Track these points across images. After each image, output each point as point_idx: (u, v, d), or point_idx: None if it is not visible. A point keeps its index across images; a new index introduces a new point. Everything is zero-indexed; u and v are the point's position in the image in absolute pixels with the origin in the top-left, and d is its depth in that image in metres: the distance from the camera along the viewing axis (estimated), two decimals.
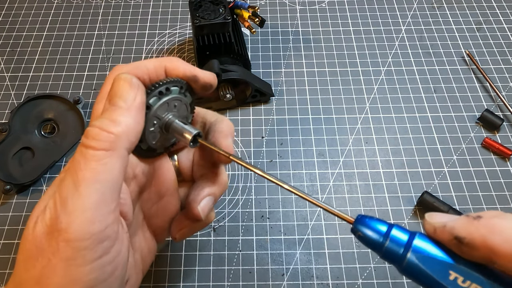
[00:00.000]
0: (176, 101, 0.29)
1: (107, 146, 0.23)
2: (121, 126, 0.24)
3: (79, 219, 0.22)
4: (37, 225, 0.23)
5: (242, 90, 0.49)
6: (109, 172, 0.23)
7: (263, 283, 0.39)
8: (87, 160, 0.23)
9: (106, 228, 0.23)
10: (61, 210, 0.22)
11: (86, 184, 0.23)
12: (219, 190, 0.32)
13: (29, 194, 0.44)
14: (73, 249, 0.22)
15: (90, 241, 0.22)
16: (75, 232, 0.22)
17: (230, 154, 0.28)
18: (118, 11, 0.60)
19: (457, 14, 0.59)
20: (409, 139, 0.47)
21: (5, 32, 0.58)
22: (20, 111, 0.47)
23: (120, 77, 0.26)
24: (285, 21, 0.59)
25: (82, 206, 0.22)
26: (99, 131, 0.24)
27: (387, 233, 0.21)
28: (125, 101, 0.25)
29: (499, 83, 0.52)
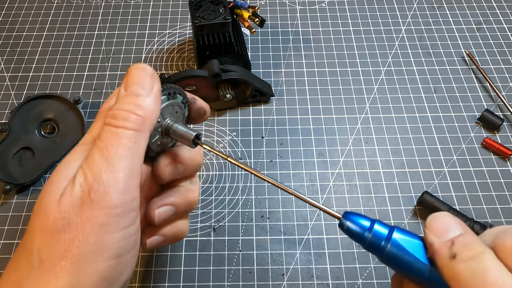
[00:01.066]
0: (178, 108, 0.31)
1: (136, 127, 0.26)
2: (145, 110, 0.26)
3: (113, 189, 0.24)
4: (64, 198, 0.24)
5: (242, 90, 0.49)
6: (137, 150, 0.26)
7: (263, 283, 0.39)
8: (119, 138, 0.25)
9: (133, 199, 0.26)
10: (95, 182, 0.24)
11: (119, 159, 0.25)
12: (183, 204, 0.32)
13: (29, 194, 0.44)
14: (107, 216, 0.24)
15: (122, 209, 0.25)
16: (110, 200, 0.24)
17: (227, 156, 0.30)
18: (118, 11, 0.60)
19: (457, 14, 0.59)
20: (409, 139, 0.47)
21: (5, 32, 0.58)
22: (20, 111, 0.47)
23: (137, 66, 0.28)
24: (285, 21, 0.59)
25: (116, 178, 0.24)
26: (128, 114, 0.26)
27: (370, 227, 0.24)
28: (145, 88, 0.27)
29: (499, 83, 0.52)
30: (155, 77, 0.28)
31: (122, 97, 0.27)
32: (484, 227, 0.39)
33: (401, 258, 0.23)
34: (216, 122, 0.49)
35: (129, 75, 0.28)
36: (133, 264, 0.28)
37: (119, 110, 0.26)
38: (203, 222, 0.42)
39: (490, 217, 0.42)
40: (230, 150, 0.47)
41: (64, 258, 0.23)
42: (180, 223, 0.33)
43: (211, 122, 0.49)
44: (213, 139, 0.48)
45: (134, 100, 0.26)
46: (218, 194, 0.44)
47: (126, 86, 0.27)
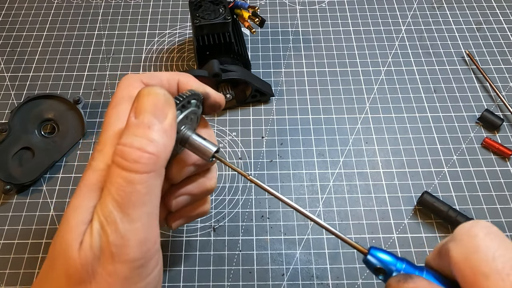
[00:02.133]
0: (193, 114, 0.29)
1: (150, 168, 0.23)
2: (159, 146, 0.24)
3: (132, 241, 0.23)
4: (83, 249, 0.23)
5: (242, 90, 0.49)
6: (153, 192, 0.24)
7: (263, 283, 0.39)
8: (131, 184, 0.23)
9: (155, 244, 0.24)
10: (113, 234, 0.23)
11: (134, 207, 0.23)
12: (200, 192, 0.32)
13: (29, 194, 0.44)
14: (130, 269, 0.23)
15: (144, 260, 0.23)
16: (131, 253, 0.23)
17: (248, 174, 0.28)
18: (118, 11, 0.60)
19: (457, 14, 0.59)
20: (409, 139, 0.47)
21: (5, 32, 0.58)
22: (20, 111, 0.47)
23: (150, 90, 0.25)
24: (285, 21, 0.59)
25: (134, 229, 0.23)
26: (140, 153, 0.23)
27: (398, 268, 0.23)
28: (158, 117, 0.24)
29: (499, 83, 0.52)
30: (170, 102, 0.25)
31: (133, 127, 0.24)
32: None
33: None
34: (216, 122, 0.49)
35: (140, 99, 0.25)
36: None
37: (129, 147, 0.23)
38: (203, 222, 0.42)
39: (490, 217, 0.42)
40: (230, 150, 0.47)
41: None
42: (201, 205, 0.33)
43: (211, 122, 0.49)
44: None
45: (146, 134, 0.24)
46: (218, 194, 0.44)
47: (137, 112, 0.24)
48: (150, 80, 0.29)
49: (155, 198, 0.24)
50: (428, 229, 0.41)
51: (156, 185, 0.24)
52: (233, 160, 0.46)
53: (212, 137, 0.32)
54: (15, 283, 0.39)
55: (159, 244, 0.25)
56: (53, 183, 0.45)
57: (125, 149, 0.23)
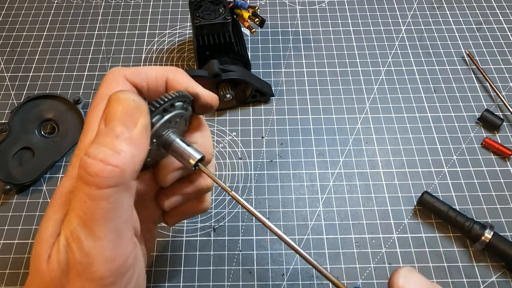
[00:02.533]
0: (178, 117, 0.27)
1: (113, 182, 0.21)
2: (125, 157, 0.22)
3: (99, 259, 0.22)
4: (51, 263, 0.22)
5: (242, 90, 0.49)
6: (120, 207, 0.22)
7: (263, 283, 0.39)
8: (94, 200, 0.21)
9: (127, 259, 0.23)
10: (78, 252, 0.22)
11: (98, 224, 0.21)
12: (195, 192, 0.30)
13: (29, 194, 0.44)
14: (99, 286, 0.22)
15: (114, 277, 0.22)
16: (97, 271, 0.22)
17: (230, 190, 0.27)
18: (118, 11, 0.60)
19: (457, 14, 0.59)
20: (409, 139, 0.47)
21: (5, 32, 0.58)
22: (20, 111, 0.47)
23: (119, 97, 0.23)
24: (285, 21, 0.59)
25: (99, 247, 0.22)
26: (103, 166, 0.21)
27: None
28: (127, 126, 0.22)
29: (499, 83, 0.52)
30: (141, 109, 0.23)
31: (101, 135, 0.22)
32: (484, 227, 0.39)
33: None
34: (216, 122, 0.49)
35: (110, 105, 0.23)
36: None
37: (92, 158, 0.21)
38: (203, 222, 0.42)
39: (490, 217, 0.42)
40: (230, 150, 0.47)
41: None
42: (199, 203, 0.32)
43: (211, 122, 0.49)
44: (213, 139, 0.48)
45: (113, 144, 0.22)
46: (218, 194, 0.44)
47: (107, 120, 0.23)
48: (135, 77, 0.27)
49: (123, 213, 0.22)
50: (428, 229, 0.41)
51: (123, 199, 0.22)
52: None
53: (206, 137, 0.30)
54: (15, 283, 0.39)
55: (134, 259, 0.24)
56: (53, 183, 0.45)
57: (88, 161, 0.21)
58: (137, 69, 0.28)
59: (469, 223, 0.40)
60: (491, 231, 0.39)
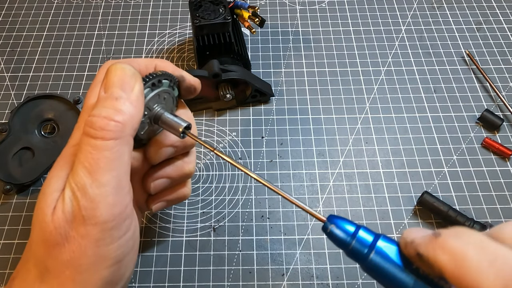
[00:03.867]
0: (166, 93, 0.30)
1: (116, 135, 0.24)
2: (125, 115, 0.25)
3: (102, 204, 0.24)
4: (56, 213, 0.24)
5: (242, 90, 0.49)
6: (121, 158, 0.25)
7: (263, 283, 0.39)
8: (99, 150, 0.24)
9: (126, 208, 0.26)
10: (83, 199, 0.24)
11: (103, 172, 0.24)
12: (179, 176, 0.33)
13: (29, 194, 0.44)
14: (101, 231, 0.24)
15: (115, 222, 0.25)
16: (101, 216, 0.24)
17: (214, 148, 0.29)
18: (118, 11, 0.60)
19: (457, 14, 0.59)
20: (409, 139, 0.47)
21: (5, 32, 0.58)
22: (20, 111, 0.47)
23: (116, 66, 0.26)
24: (285, 21, 0.59)
25: (103, 193, 0.24)
26: (107, 121, 0.24)
27: (354, 233, 0.23)
28: (125, 90, 0.26)
29: (499, 83, 0.52)
30: (136, 76, 0.27)
31: (101, 100, 0.26)
32: (484, 227, 0.39)
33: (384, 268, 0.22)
34: (216, 122, 0.49)
35: (108, 75, 0.26)
36: (134, 262, 0.28)
37: (97, 117, 0.25)
38: (203, 222, 0.42)
39: (490, 217, 0.42)
40: (230, 150, 0.47)
41: (68, 268, 0.24)
42: (180, 188, 0.35)
43: (211, 122, 0.49)
44: (213, 139, 0.48)
45: (113, 104, 0.25)
46: (218, 194, 0.44)
47: (106, 87, 0.26)
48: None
49: (123, 164, 0.25)
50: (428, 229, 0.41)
51: (123, 151, 0.25)
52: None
53: (190, 118, 0.33)
54: None
55: (132, 209, 0.26)
56: None
57: (94, 119, 0.25)
58: (128, 60, 0.31)
59: (469, 223, 0.40)
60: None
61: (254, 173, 0.28)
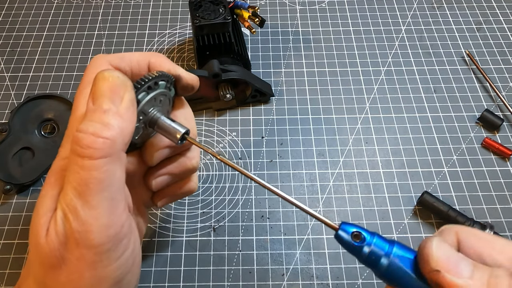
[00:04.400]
0: (162, 95, 0.28)
1: (104, 153, 0.23)
2: (114, 130, 0.23)
3: (95, 227, 0.23)
4: (49, 235, 0.23)
5: (242, 90, 0.49)
6: (112, 176, 0.23)
7: (263, 283, 0.39)
8: (87, 170, 0.22)
9: (122, 227, 0.24)
10: (75, 221, 0.23)
11: (93, 194, 0.23)
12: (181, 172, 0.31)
13: (29, 194, 0.44)
14: (97, 254, 0.23)
15: (111, 244, 0.23)
16: (95, 239, 0.23)
17: (218, 155, 0.28)
18: (118, 11, 0.60)
19: (457, 14, 0.59)
20: (409, 139, 0.47)
21: (5, 32, 0.58)
22: (20, 111, 0.47)
23: (104, 75, 0.24)
24: (285, 21, 0.59)
25: (95, 215, 0.23)
26: (94, 139, 0.22)
27: (369, 241, 0.23)
28: (113, 102, 0.24)
29: (499, 83, 0.52)
30: (126, 85, 0.24)
31: (89, 113, 0.24)
32: (484, 227, 0.39)
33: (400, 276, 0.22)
34: (216, 122, 0.49)
35: (96, 83, 0.24)
36: (136, 277, 0.28)
37: (83, 133, 0.23)
38: (203, 222, 0.42)
39: (490, 217, 0.42)
40: (230, 150, 0.47)
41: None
42: (185, 184, 0.33)
43: (211, 122, 0.49)
44: (213, 139, 0.48)
45: (101, 118, 0.23)
46: (218, 194, 0.44)
47: (94, 98, 0.24)
48: (119, 62, 0.28)
49: (116, 183, 0.24)
50: (428, 229, 0.41)
51: (114, 169, 0.23)
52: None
53: (189, 118, 0.32)
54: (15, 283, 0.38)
55: (129, 228, 0.25)
56: None
57: (80, 135, 0.23)
58: (120, 54, 0.29)
59: (469, 223, 0.40)
60: (491, 231, 0.39)
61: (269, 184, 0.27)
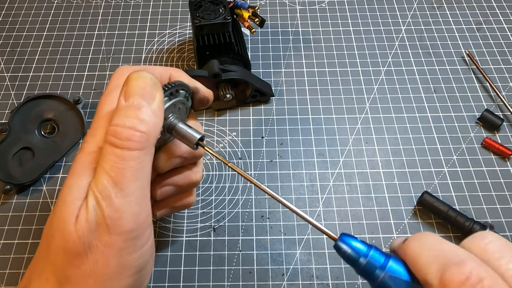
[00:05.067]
0: (181, 104, 0.30)
1: (141, 146, 0.25)
2: (149, 125, 0.25)
3: (127, 214, 0.24)
4: (79, 222, 0.24)
5: (242, 90, 0.49)
6: (145, 168, 0.25)
7: (263, 283, 0.39)
8: (125, 160, 0.24)
9: (148, 217, 0.26)
10: (108, 208, 0.24)
11: (128, 182, 0.24)
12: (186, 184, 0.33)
13: (29, 194, 0.44)
14: (125, 240, 0.24)
15: (138, 231, 0.25)
16: (126, 225, 0.24)
17: (228, 161, 0.29)
18: (118, 11, 0.60)
19: (457, 14, 0.59)
20: (409, 139, 0.47)
21: (5, 32, 0.58)
22: (20, 111, 0.47)
23: (138, 74, 0.26)
24: (285, 21, 0.59)
25: (128, 202, 0.24)
26: (132, 132, 0.25)
27: (366, 253, 0.24)
28: (146, 99, 0.26)
29: (499, 83, 0.52)
30: (157, 86, 0.27)
31: (123, 109, 0.25)
32: (484, 227, 0.39)
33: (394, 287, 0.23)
34: (216, 122, 0.49)
35: (129, 83, 0.26)
36: (151, 270, 0.29)
37: (121, 127, 0.25)
38: (203, 222, 0.42)
39: (490, 217, 0.42)
40: (230, 150, 0.47)
41: (90, 277, 0.24)
42: (186, 197, 0.35)
43: (211, 122, 0.49)
44: (213, 139, 0.48)
45: (136, 114, 0.25)
46: (218, 194, 0.44)
47: (126, 95, 0.26)
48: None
49: (147, 174, 0.26)
50: (428, 229, 0.41)
51: (147, 161, 0.26)
52: (235, 160, 0.46)
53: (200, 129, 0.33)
54: (15, 283, 0.39)
55: (151, 218, 0.27)
56: (53, 183, 0.45)
57: (118, 129, 0.25)
58: (143, 67, 0.31)
59: (469, 223, 0.40)
60: (491, 231, 0.39)
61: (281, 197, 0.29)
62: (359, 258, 0.24)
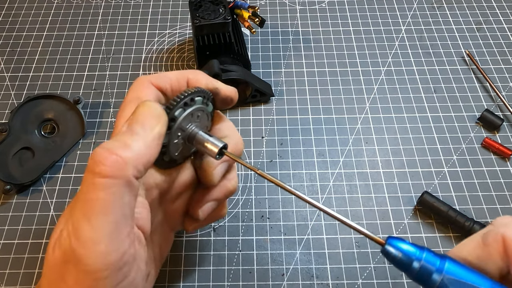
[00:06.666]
0: (199, 111, 0.29)
1: (114, 173, 0.22)
2: (131, 151, 0.23)
3: (94, 252, 0.22)
4: (55, 251, 0.23)
5: (242, 90, 0.49)
6: (119, 201, 0.22)
7: (263, 283, 0.39)
8: (95, 190, 0.22)
9: (123, 255, 0.23)
10: (75, 241, 0.22)
11: (96, 216, 0.22)
12: (225, 195, 0.32)
13: (29, 194, 0.44)
14: (93, 280, 0.22)
15: (108, 271, 0.22)
16: (93, 264, 0.22)
17: (257, 169, 0.28)
18: (118, 11, 0.60)
19: (457, 14, 0.59)
20: (409, 139, 0.47)
21: (5, 32, 0.58)
22: (20, 111, 0.47)
23: (145, 104, 0.25)
24: (285, 21, 0.59)
25: (95, 239, 0.22)
26: (107, 155, 0.22)
27: (419, 256, 0.22)
28: (144, 128, 0.24)
29: (499, 83, 0.52)
30: (161, 117, 0.25)
31: (119, 134, 0.24)
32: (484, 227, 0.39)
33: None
34: None
35: (135, 111, 0.25)
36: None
37: (101, 148, 0.22)
38: None
39: (490, 217, 0.42)
40: None
41: None
42: (220, 209, 0.33)
43: None
44: None
45: (125, 138, 0.23)
46: None
47: (129, 122, 0.25)
48: (159, 80, 0.30)
49: (123, 207, 0.23)
50: (428, 229, 0.41)
51: (123, 194, 0.22)
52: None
53: (232, 131, 0.32)
54: (15, 283, 0.39)
55: (132, 256, 0.24)
56: (53, 183, 0.45)
57: (97, 150, 0.22)
58: (160, 74, 0.30)
59: (469, 223, 0.40)
60: None
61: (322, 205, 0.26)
62: (412, 262, 0.22)
